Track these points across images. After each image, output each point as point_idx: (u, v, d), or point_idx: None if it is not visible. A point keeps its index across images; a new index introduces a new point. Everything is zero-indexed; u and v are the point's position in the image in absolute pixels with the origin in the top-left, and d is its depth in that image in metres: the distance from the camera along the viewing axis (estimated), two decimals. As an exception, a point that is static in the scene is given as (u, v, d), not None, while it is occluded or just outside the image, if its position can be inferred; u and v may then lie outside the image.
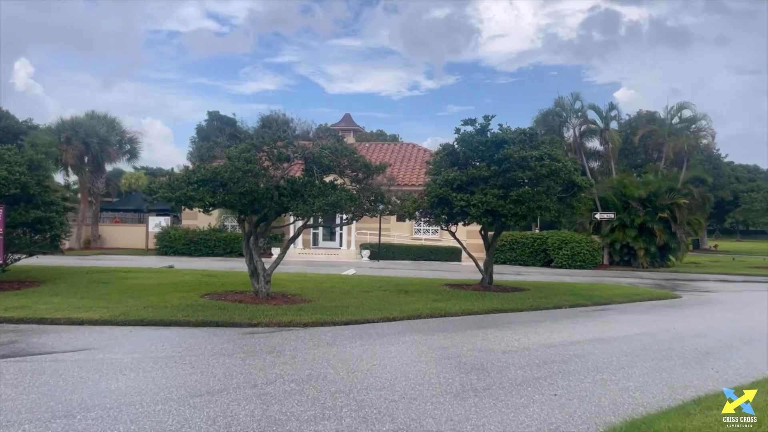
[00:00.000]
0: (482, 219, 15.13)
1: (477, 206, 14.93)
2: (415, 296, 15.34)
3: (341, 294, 15.39)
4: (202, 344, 9.43)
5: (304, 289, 16.00)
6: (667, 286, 21.68)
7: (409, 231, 32.44)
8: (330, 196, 12.39)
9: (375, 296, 15.19)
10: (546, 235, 29.82)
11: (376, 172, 13.66)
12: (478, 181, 15.53)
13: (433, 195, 15.43)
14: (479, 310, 13.66)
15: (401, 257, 30.29)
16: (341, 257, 30.73)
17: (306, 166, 13.40)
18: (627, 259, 29.37)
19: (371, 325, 11.62)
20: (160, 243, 31.47)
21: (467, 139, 15.82)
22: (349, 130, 36.63)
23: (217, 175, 11.87)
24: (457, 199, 15.12)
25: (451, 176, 15.41)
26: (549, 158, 15.37)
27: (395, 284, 17.68)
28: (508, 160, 15.15)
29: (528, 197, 14.92)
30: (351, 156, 13.33)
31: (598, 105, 33.03)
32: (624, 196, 28.95)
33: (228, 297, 14.18)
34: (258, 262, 13.98)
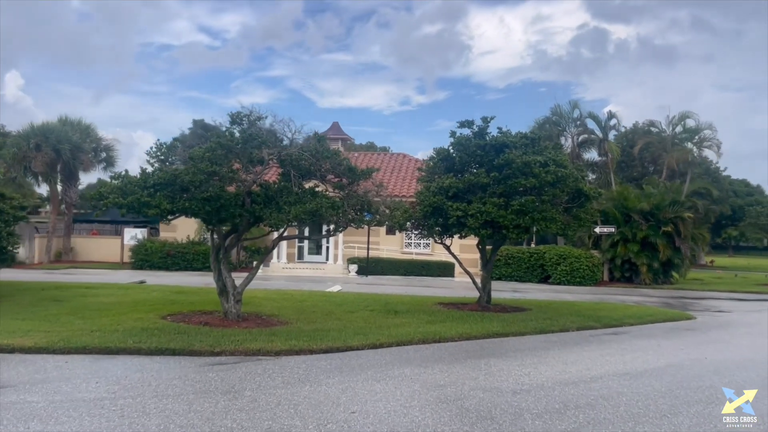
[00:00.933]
0: (481, 231, 13.56)
1: (475, 216, 13.36)
2: (405, 317, 13.70)
3: (323, 315, 13.72)
4: (147, 380, 7.74)
5: (282, 309, 14.32)
6: (677, 305, 20.14)
7: (400, 244, 30.84)
8: (308, 203, 10.78)
9: (360, 317, 13.53)
10: (543, 249, 28.30)
11: (362, 178, 12.07)
12: (476, 188, 13.98)
13: (426, 204, 13.85)
14: (478, 335, 12.03)
15: (391, 272, 28.64)
16: (327, 272, 29.04)
17: (283, 170, 11.78)
18: (628, 276, 27.88)
19: (354, 354, 9.96)
20: (136, 256, 29.64)
21: (464, 143, 14.28)
22: (337, 139, 35.08)
23: (176, 178, 10.23)
24: (452, 209, 13.54)
25: (446, 183, 13.84)
26: (554, 164, 13.86)
27: (383, 303, 16.02)
28: (509, 166, 13.61)
29: (531, 207, 13.37)
30: (333, 159, 11.72)
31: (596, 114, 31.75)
32: (625, 209, 27.51)
33: (193, 318, 12.48)
34: (227, 278, 12.31)
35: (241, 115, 11.16)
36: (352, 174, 11.96)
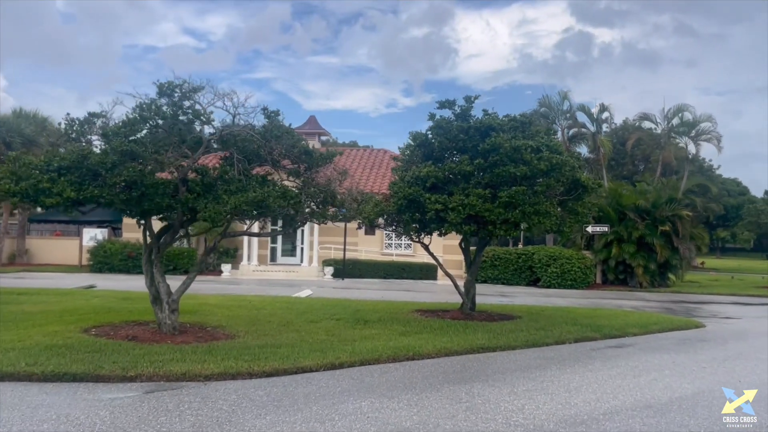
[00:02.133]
0: (463, 227, 11.64)
1: (457, 210, 11.45)
2: (375, 328, 11.75)
3: (279, 326, 11.72)
4: (9, 421, 5.72)
5: (233, 319, 12.31)
6: (679, 310, 18.36)
7: (379, 245, 28.88)
8: (252, 192, 8.79)
9: (323, 328, 11.56)
10: (532, 250, 26.47)
11: (321, 163, 10.10)
12: (459, 178, 12.08)
13: (401, 196, 11.91)
14: (460, 349, 10.11)
15: (369, 275, 26.67)
16: (301, 275, 27.01)
17: (225, 152, 9.81)
18: (623, 278, 26.12)
19: (305, 378, 7.99)
20: (94, 258, 27.40)
21: (444, 127, 12.36)
22: (313, 134, 33.08)
23: (85, 160, 8.19)
24: (430, 202, 11.61)
25: (423, 172, 11.91)
26: (548, 150, 12.00)
27: (354, 310, 14.05)
28: (496, 152, 11.72)
29: (522, 199, 11.49)
30: (286, 139, 9.75)
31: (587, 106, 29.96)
32: (620, 207, 25.75)
33: (121, 331, 10.44)
34: (161, 284, 10.28)
35: (172, 85, 9.13)
36: (309, 158, 9.99)
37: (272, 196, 8.94)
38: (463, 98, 12.62)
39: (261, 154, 9.86)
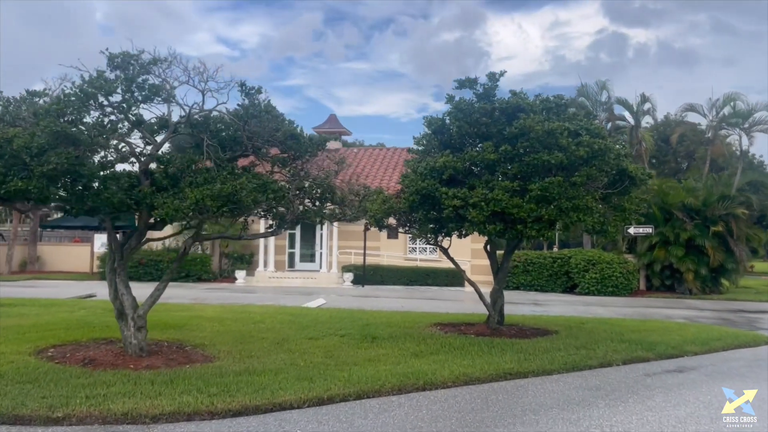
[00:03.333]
0: (487, 227, 9.75)
1: (479, 207, 9.58)
2: (384, 346, 9.94)
3: (272, 344, 10.01)
4: None
5: (221, 335, 10.66)
6: (740, 321, 16.10)
7: (403, 249, 27.05)
8: (220, 184, 7.10)
9: (322, 347, 9.80)
10: (568, 254, 24.31)
11: (311, 149, 8.36)
12: (481, 169, 10.25)
13: (412, 191, 10.08)
14: (483, 376, 8.25)
15: (391, 281, 24.86)
16: (320, 282, 25.36)
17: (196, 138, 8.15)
18: (670, 284, 23.75)
19: (278, 420, 6.25)
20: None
21: (464, 109, 10.50)
22: (334, 133, 31.46)
23: (9, 143, 6.60)
24: (447, 197, 9.77)
25: (439, 162, 10.07)
26: (588, 134, 10.04)
27: (363, 324, 12.27)
28: (526, 137, 9.83)
29: (558, 192, 9.57)
30: (268, 120, 8.05)
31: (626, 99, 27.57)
32: (666, 205, 23.39)
33: (81, 352, 8.87)
34: (125, 296, 8.67)
35: (127, 56, 7.50)
36: (296, 144, 8.25)
37: (246, 189, 7.22)
38: (486, 75, 10.76)
39: (240, 139, 8.19)
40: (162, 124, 8.15)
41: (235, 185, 7.20)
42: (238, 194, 7.14)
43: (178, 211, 6.99)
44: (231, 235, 8.63)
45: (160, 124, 8.15)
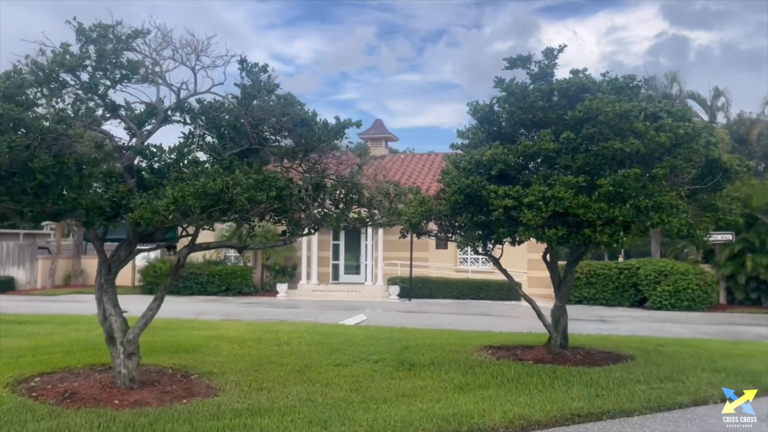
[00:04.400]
0: (546, 231, 7.99)
1: (536, 207, 7.86)
2: (423, 376, 8.30)
3: (291, 372, 8.52)
4: None
5: (238, 360, 9.27)
6: None
7: (453, 260, 25.28)
8: (206, 180, 5.67)
9: (349, 377, 8.24)
10: (636, 264, 21.99)
11: (326, 138, 6.85)
12: (538, 162, 8.53)
13: (455, 189, 8.42)
14: (545, 419, 6.51)
15: (440, 295, 23.13)
16: (365, 295, 23.86)
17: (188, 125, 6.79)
18: (755, 297, 21.11)
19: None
20: (145, 279, 25.57)
21: (516, 93, 8.80)
22: (380, 139, 30.08)
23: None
24: (497, 196, 8.09)
25: (486, 155, 8.40)
26: (669, 116, 8.20)
27: (402, 347, 10.65)
28: (592, 121, 8.07)
29: (635, 187, 7.76)
30: (272, 103, 6.60)
31: (698, 93, 25.07)
32: (749, 209, 20.82)
33: (66, 382, 7.64)
34: (113, 317, 7.36)
35: (102, 27, 6.19)
36: (308, 132, 6.76)
37: (240, 186, 5.75)
38: (542, 52, 9.04)
39: (238, 126, 6.77)
40: (150, 112, 6.81)
41: (227, 181, 5.75)
42: (230, 192, 5.68)
43: (155, 213, 5.58)
44: (236, 244, 7.21)
45: (148, 112, 6.81)
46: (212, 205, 5.75)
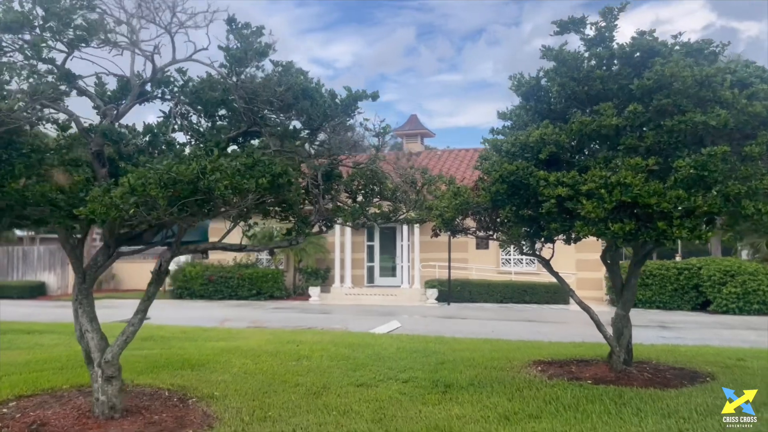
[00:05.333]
0: (611, 226, 6.49)
1: (598, 197, 6.40)
2: (462, 401, 6.93)
3: (304, 396, 7.26)
4: None
5: (245, 378, 8.06)
6: None
7: (495, 261, 23.72)
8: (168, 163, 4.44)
9: (373, 402, 6.93)
10: (698, 263, 20.06)
11: (333, 114, 5.55)
12: (597, 142, 7.06)
13: (496, 177, 7.01)
14: (616, 465, 5.06)
15: (481, 298, 21.62)
16: (401, 299, 22.54)
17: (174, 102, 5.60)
18: (835, 299, 18.95)
19: None
20: (175, 283, 24.86)
21: (569, 62, 7.36)
22: (415, 135, 28.71)
23: None
24: (548, 184, 6.67)
25: (534, 136, 6.97)
26: (762, 82, 6.62)
27: (438, 361, 9.29)
28: (665, 90, 6.58)
29: (722, 170, 6.22)
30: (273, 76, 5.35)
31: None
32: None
33: (41, 409, 6.56)
34: (89, 333, 6.23)
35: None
36: (312, 105, 5.48)
37: (221, 171, 4.50)
38: (600, 12, 7.55)
39: (233, 104, 5.54)
40: (123, 87, 5.63)
41: (203, 165, 4.50)
42: (206, 179, 4.43)
43: (111, 207, 4.37)
44: (230, 245, 5.99)
45: (121, 86, 5.63)
46: (185, 196, 4.51)
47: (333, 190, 6.41)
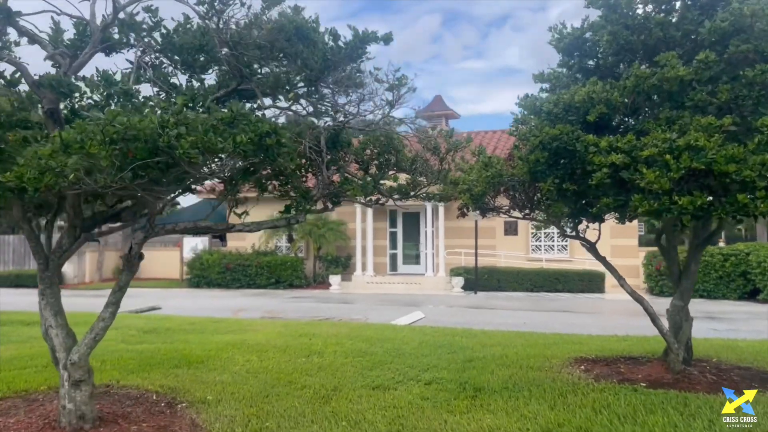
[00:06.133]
0: (678, 200, 5.31)
1: (662, 165, 5.23)
2: (494, 408, 5.86)
3: (311, 400, 6.26)
4: None
5: (247, 378, 7.10)
6: None
7: (524, 247, 22.49)
8: (112, 111, 3.40)
9: (390, 408, 5.90)
10: (746, 249, 18.62)
11: (338, 60, 4.47)
12: (659, 99, 5.87)
13: (536, 144, 5.87)
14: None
15: (510, 287, 20.43)
16: (425, 287, 21.48)
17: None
18: None
19: None
20: (192, 272, 24.14)
21: (621, 8, 6.16)
22: (439, 117, 27.47)
23: None
24: (599, 150, 5.51)
25: (579, 95, 5.82)
26: None
27: (465, 359, 8.22)
28: (743, 34, 5.36)
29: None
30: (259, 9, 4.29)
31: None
32: None
33: (4, 416, 5.61)
34: (53, 330, 5.30)
35: None
36: (309, 49, 4.41)
37: (184, 126, 3.47)
38: (657, -53, 6.32)
39: (213, 51, 4.50)
40: (82, 33, 4.63)
41: (164, 118, 3.47)
42: (166, 135, 3.40)
43: (42, 171, 3.38)
44: (215, 225, 4.99)
45: (80, 33, 4.64)
46: (142, 158, 3.49)
47: (340, 159, 5.36)
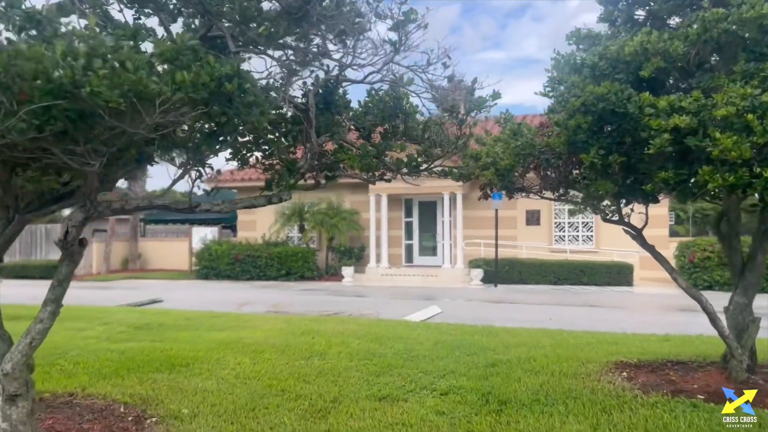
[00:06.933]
0: (762, 172, 4.20)
1: (743, 128, 4.11)
2: (524, 429, 4.79)
3: (305, 414, 5.26)
4: None
5: (235, 384, 6.13)
6: None
7: (547, 238, 21.31)
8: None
9: (399, 426, 4.87)
10: (788, 239, 17.29)
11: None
12: (729, 49, 4.74)
13: (577, 106, 4.78)
14: None
15: (533, 279, 19.29)
16: (442, 280, 20.41)
17: None
18: None
19: None
20: (200, 262, 23.27)
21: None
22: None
23: None
24: (657, 111, 4.40)
25: (630, 47, 4.71)
26: None
27: (487, 362, 7.17)
28: None
29: None
30: None
31: None
32: None
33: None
34: (-13, 332, 4.32)
35: None
36: None
37: (99, 59, 2.45)
38: None
39: None
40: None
41: (72, 47, 2.46)
42: (69, 69, 2.38)
43: None
44: (174, 203, 4.02)
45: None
46: (39, 102, 2.48)
47: (334, 124, 4.32)
